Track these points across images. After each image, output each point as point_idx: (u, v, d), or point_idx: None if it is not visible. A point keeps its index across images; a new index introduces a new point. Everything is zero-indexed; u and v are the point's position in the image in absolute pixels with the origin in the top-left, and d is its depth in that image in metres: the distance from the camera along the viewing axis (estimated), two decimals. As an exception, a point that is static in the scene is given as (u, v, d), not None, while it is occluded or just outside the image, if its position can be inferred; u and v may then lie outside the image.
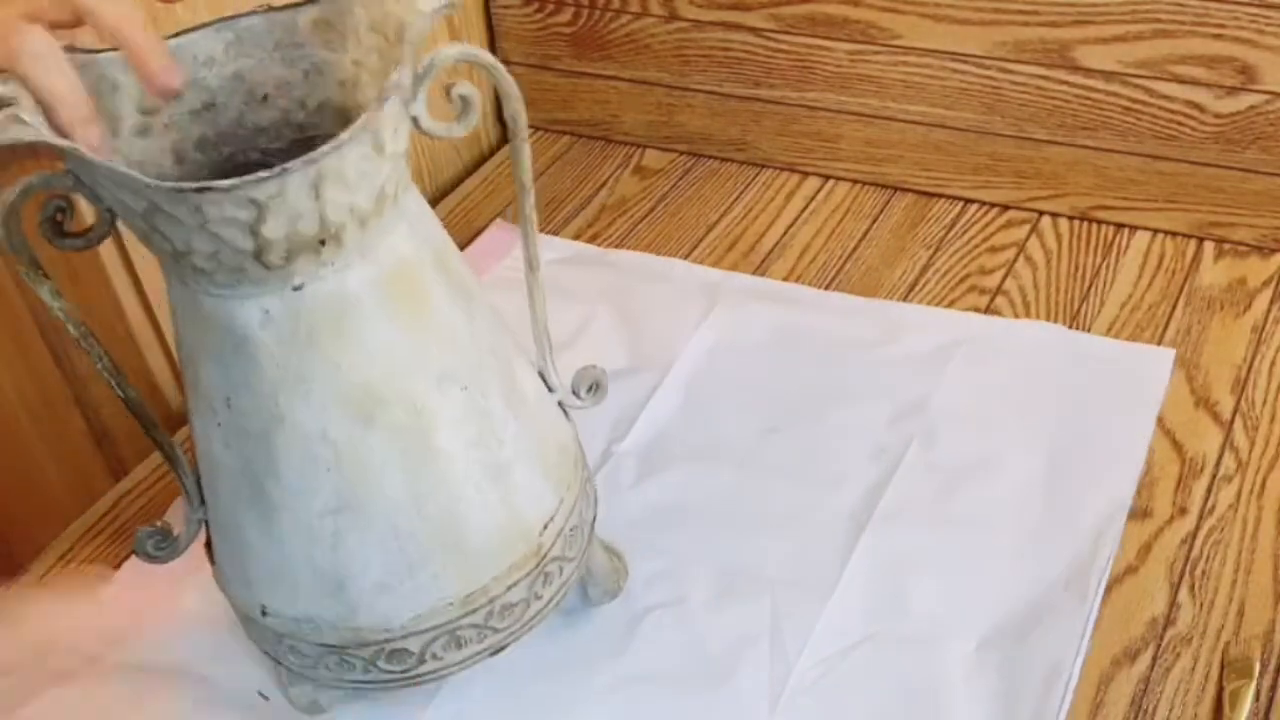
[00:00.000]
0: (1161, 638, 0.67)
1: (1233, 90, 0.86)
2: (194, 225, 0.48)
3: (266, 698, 0.67)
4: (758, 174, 1.03)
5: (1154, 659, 0.66)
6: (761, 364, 0.84)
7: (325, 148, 0.47)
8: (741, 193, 1.02)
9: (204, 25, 0.54)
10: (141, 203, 0.48)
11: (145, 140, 0.55)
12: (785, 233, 0.97)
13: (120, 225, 0.52)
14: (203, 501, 0.60)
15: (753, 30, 0.98)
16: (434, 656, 0.59)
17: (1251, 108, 0.86)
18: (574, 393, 0.64)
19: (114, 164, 0.47)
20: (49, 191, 0.52)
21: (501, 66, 0.54)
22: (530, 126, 0.55)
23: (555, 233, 0.98)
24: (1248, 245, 0.91)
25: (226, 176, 0.52)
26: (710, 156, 1.06)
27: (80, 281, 0.81)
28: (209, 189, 0.46)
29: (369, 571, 0.56)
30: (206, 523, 0.61)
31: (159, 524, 0.62)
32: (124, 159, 0.53)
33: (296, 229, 0.49)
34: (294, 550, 0.56)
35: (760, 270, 0.93)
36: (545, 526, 0.60)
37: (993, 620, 0.67)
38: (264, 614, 0.59)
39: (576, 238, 0.97)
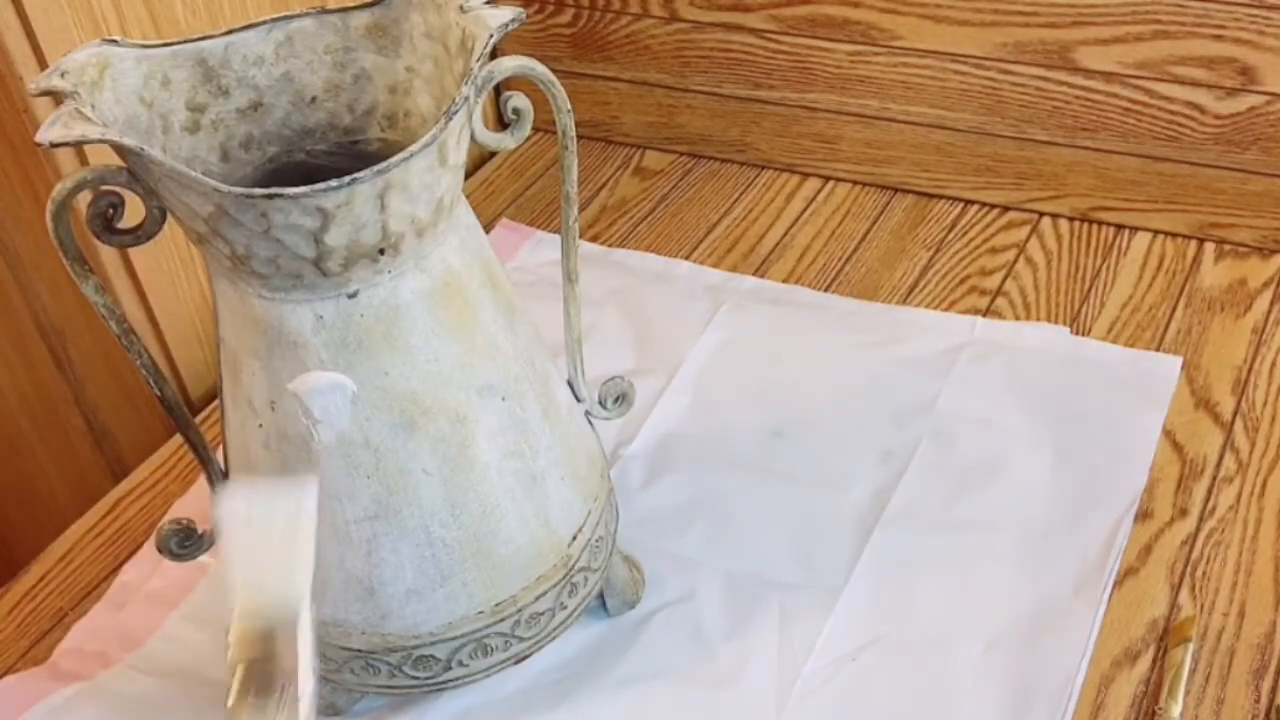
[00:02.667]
0: (1162, 639, 0.67)
1: (1233, 91, 0.86)
2: (258, 231, 0.48)
3: None
4: (758, 175, 1.03)
5: (1155, 660, 0.66)
6: (768, 366, 0.84)
7: (395, 158, 0.47)
8: (741, 194, 1.02)
9: (255, 24, 0.54)
10: (207, 206, 0.48)
11: (194, 137, 0.55)
12: (785, 234, 0.97)
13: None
14: None
15: (753, 31, 0.98)
16: (460, 664, 0.60)
17: (1252, 109, 0.86)
18: (600, 403, 0.64)
19: (183, 168, 0.47)
20: (102, 188, 0.52)
21: (556, 80, 0.54)
22: (530, 127, 0.56)
23: (555, 233, 0.98)
24: (1248, 246, 0.91)
25: (271, 176, 0.53)
26: (710, 158, 1.06)
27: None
28: (278, 195, 0.46)
29: (401, 578, 0.57)
30: None
31: (182, 521, 0.62)
32: (175, 156, 0.54)
33: (359, 238, 0.49)
34: (327, 554, 0.56)
35: (760, 271, 0.93)
36: (575, 537, 0.60)
37: (1000, 623, 0.67)
38: None
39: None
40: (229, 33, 0.54)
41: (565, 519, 0.60)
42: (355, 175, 0.47)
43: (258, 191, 0.46)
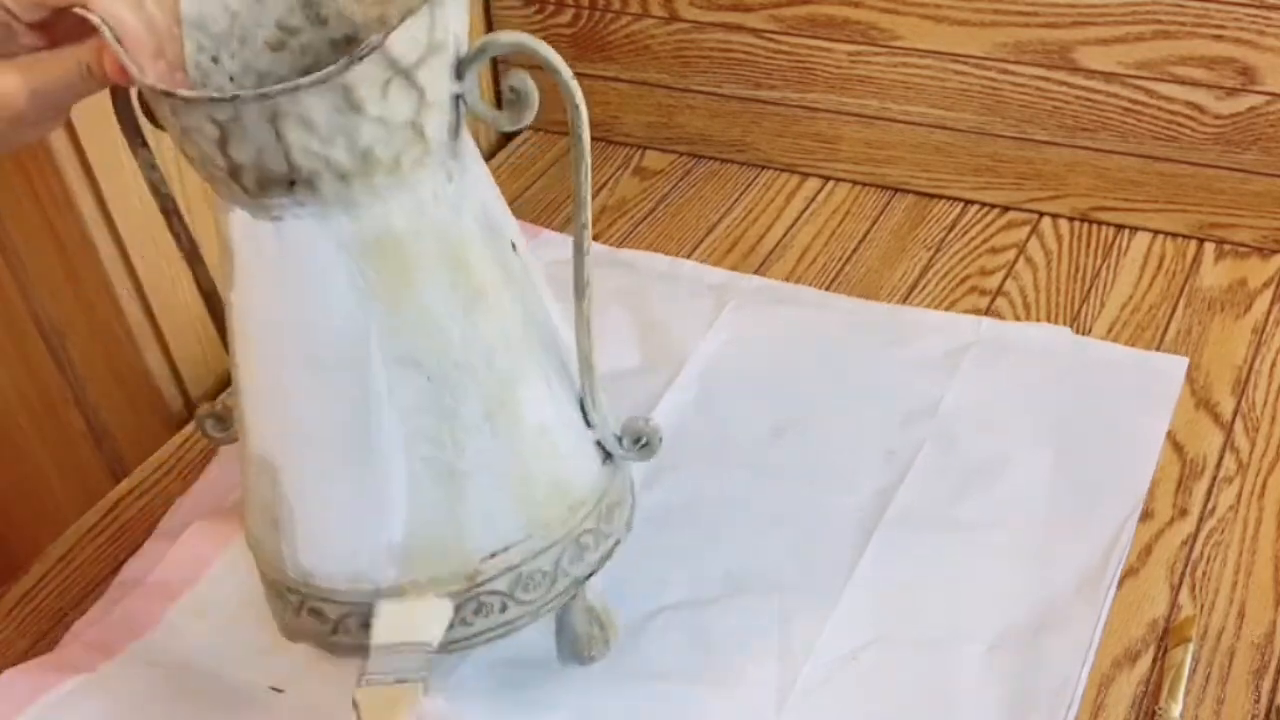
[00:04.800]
0: (1162, 639, 0.67)
1: (1233, 91, 0.86)
2: (178, 130, 0.50)
3: (280, 690, 0.66)
4: (758, 175, 1.03)
5: (1155, 660, 0.66)
6: (772, 366, 0.84)
7: (280, 86, 0.47)
8: (742, 194, 1.02)
9: None
10: (157, 99, 0.50)
11: (276, 55, 0.56)
12: (785, 234, 0.97)
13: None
14: None
15: (753, 31, 0.98)
16: (345, 631, 0.59)
17: (1252, 109, 0.86)
18: (618, 439, 0.61)
19: (142, 80, 0.49)
20: None
21: (562, 63, 0.52)
22: (530, 128, 0.55)
23: (558, 233, 0.98)
24: (1248, 246, 0.91)
25: None
26: (710, 158, 1.06)
27: (80, 281, 0.81)
28: (173, 95, 0.48)
29: (303, 523, 0.57)
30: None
31: (220, 406, 0.64)
32: (246, 67, 0.55)
33: (262, 162, 0.49)
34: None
35: (761, 271, 0.93)
36: (491, 555, 0.57)
37: (1003, 624, 0.67)
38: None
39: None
40: None
41: (482, 531, 0.57)
42: (239, 93, 0.47)
43: (158, 86, 0.48)
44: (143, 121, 0.56)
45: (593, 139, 1.07)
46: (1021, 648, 0.66)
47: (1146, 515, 0.73)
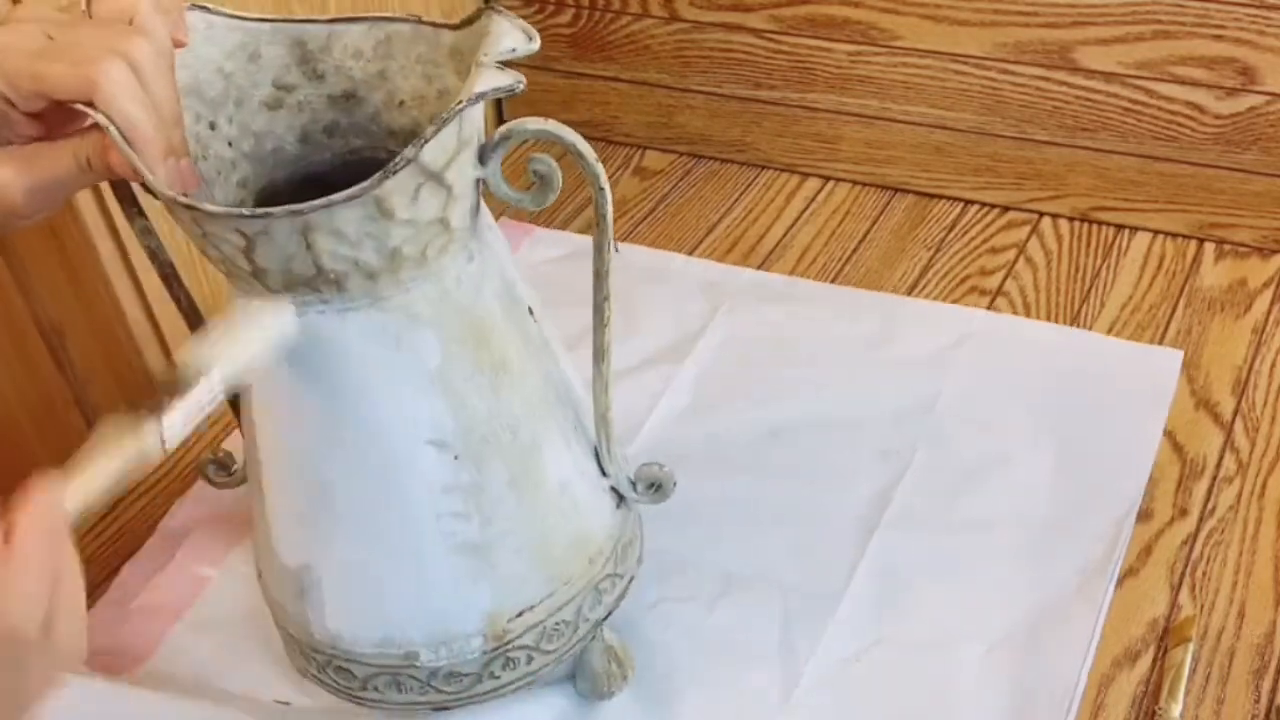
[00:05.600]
0: (1162, 639, 0.66)
1: (1233, 91, 0.86)
2: (197, 234, 0.49)
3: (286, 703, 0.66)
4: (758, 175, 1.03)
5: (1155, 660, 0.66)
6: (768, 365, 0.84)
7: (316, 203, 0.47)
8: (742, 194, 1.02)
9: (358, 18, 0.55)
10: (180, 212, 0.49)
11: (272, 114, 0.55)
12: (785, 234, 0.97)
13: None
14: None
15: (753, 31, 0.98)
16: (374, 689, 0.60)
17: (1252, 109, 0.86)
18: (632, 484, 0.62)
19: (156, 184, 0.48)
20: None
21: (587, 147, 0.52)
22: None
23: (554, 230, 0.98)
24: (1248, 246, 0.91)
25: (350, 168, 0.54)
26: (710, 158, 1.06)
27: (80, 282, 0.80)
28: (197, 209, 0.47)
29: (331, 590, 0.58)
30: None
31: (222, 453, 0.66)
32: (244, 129, 0.55)
33: (290, 267, 0.49)
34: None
35: (761, 271, 0.93)
36: (518, 614, 0.59)
37: (1003, 623, 0.67)
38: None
39: (580, 234, 0.97)
40: (333, 21, 0.55)
41: (509, 595, 0.58)
42: (270, 210, 0.47)
43: (181, 199, 0.47)
44: (137, 189, 0.55)
45: (593, 139, 1.07)
46: (1021, 647, 0.66)
47: (1147, 515, 0.73)
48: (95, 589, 0.74)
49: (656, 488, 0.62)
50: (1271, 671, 0.65)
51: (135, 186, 0.54)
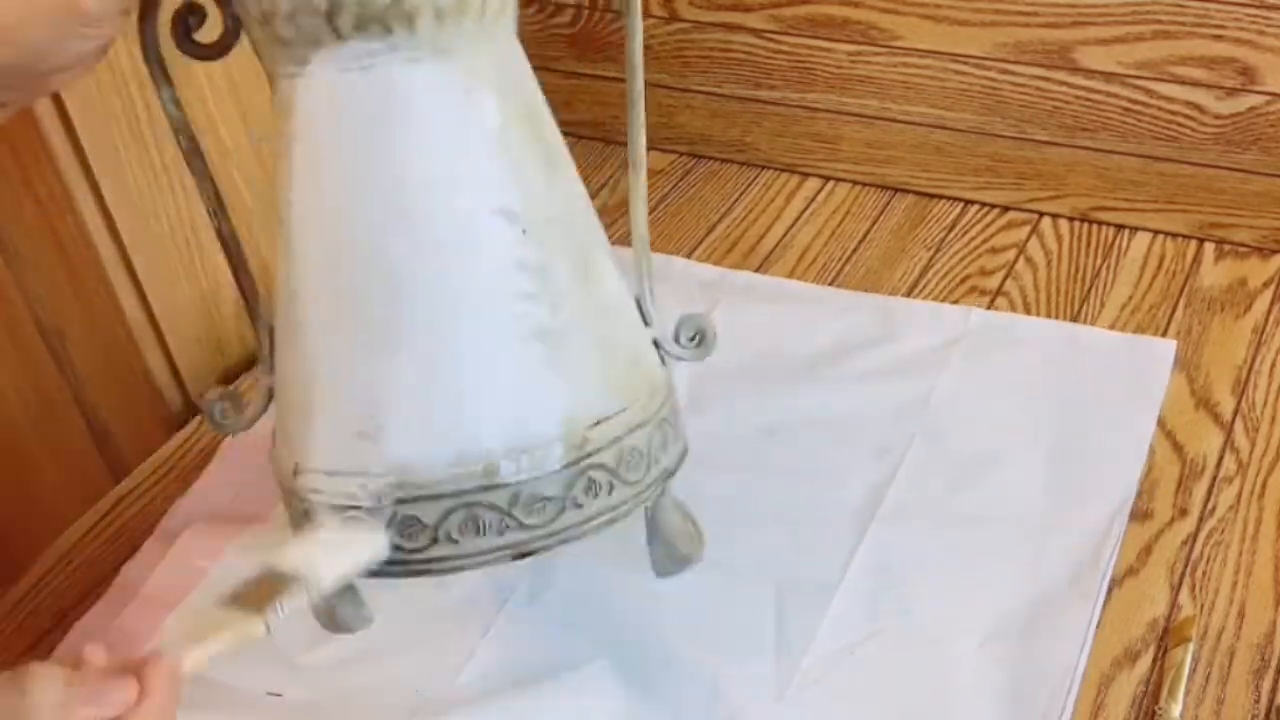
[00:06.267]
0: (1162, 639, 0.67)
1: (1233, 91, 0.86)
2: None
3: (279, 695, 0.66)
4: (758, 175, 1.03)
5: (1155, 660, 0.66)
6: (763, 364, 0.84)
7: None
8: (741, 194, 1.02)
9: None
10: None
11: None
12: (785, 234, 0.97)
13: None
14: (273, 368, 0.59)
15: (753, 31, 0.98)
16: (449, 537, 0.54)
17: (1252, 109, 0.86)
18: (675, 339, 0.61)
19: None
20: None
21: None
22: None
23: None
24: (1248, 246, 0.91)
25: None
26: (710, 158, 1.06)
27: (80, 282, 0.81)
28: None
29: (399, 408, 0.54)
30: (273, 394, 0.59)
31: (231, 388, 0.62)
32: None
33: None
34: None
35: (760, 271, 0.93)
36: (595, 423, 0.55)
37: (997, 617, 0.67)
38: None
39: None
40: None
41: (584, 396, 0.55)
42: None
43: None
44: (167, 59, 0.55)
45: (592, 139, 1.08)
46: (1016, 640, 0.66)
47: (1146, 515, 0.73)
48: (95, 589, 0.74)
49: (699, 338, 0.61)
50: (1271, 671, 0.65)
51: (166, 53, 0.55)
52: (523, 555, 0.55)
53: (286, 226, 0.55)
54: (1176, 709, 0.62)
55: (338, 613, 0.60)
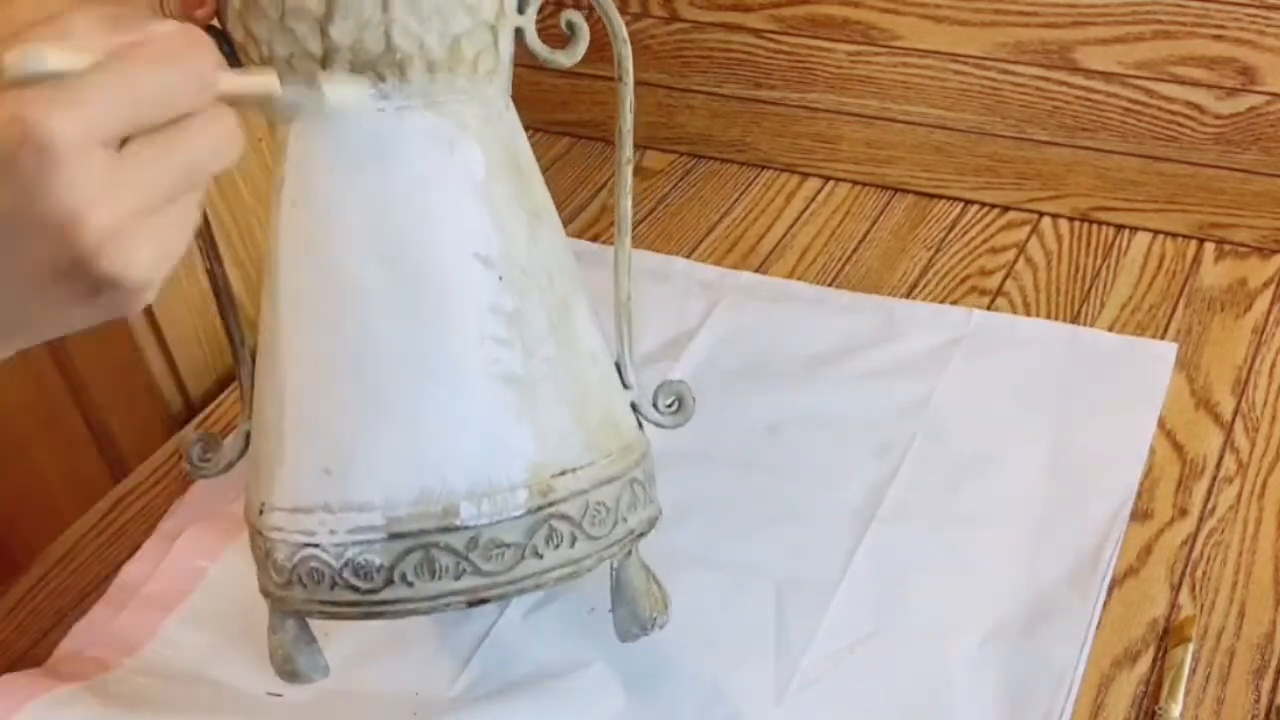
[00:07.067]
0: (1162, 639, 0.66)
1: (1233, 91, 0.86)
2: (275, 18, 0.51)
3: (279, 695, 0.66)
4: (758, 175, 1.03)
5: (1155, 660, 0.66)
6: (763, 362, 0.84)
7: None
8: (741, 194, 1.02)
9: None
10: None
11: None
12: (785, 234, 0.97)
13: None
14: (251, 413, 0.59)
15: (753, 31, 0.98)
16: (403, 579, 0.54)
17: (1252, 109, 0.86)
18: (653, 403, 0.62)
19: None
20: None
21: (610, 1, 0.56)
22: (529, 128, 0.56)
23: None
24: (1248, 246, 0.91)
25: None
26: (710, 158, 1.06)
27: (80, 282, 0.80)
28: None
29: (364, 445, 0.54)
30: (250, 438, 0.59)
31: (208, 432, 0.62)
32: None
33: (362, 40, 0.51)
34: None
35: (761, 271, 0.93)
36: (561, 473, 0.55)
37: (997, 616, 0.67)
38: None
39: (577, 239, 0.97)
40: None
41: (550, 445, 0.55)
42: None
43: None
44: None
45: (592, 139, 1.08)
46: (1016, 639, 0.66)
47: (1147, 515, 0.73)
48: (95, 589, 0.74)
49: (678, 405, 0.61)
50: (1271, 671, 0.65)
51: None
52: (477, 602, 0.55)
53: (273, 262, 0.56)
54: (1176, 709, 0.62)
55: (296, 662, 0.60)
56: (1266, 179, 0.89)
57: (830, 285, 0.91)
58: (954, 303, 0.88)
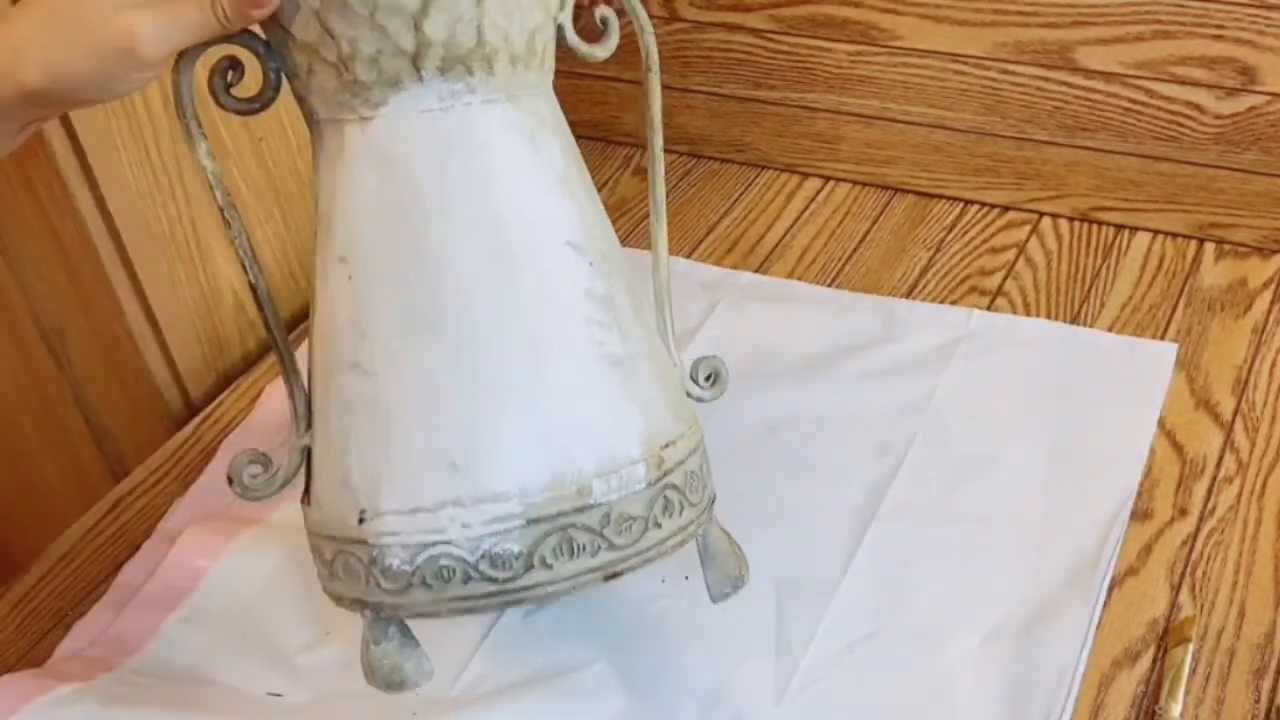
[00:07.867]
0: (1162, 639, 0.67)
1: (1233, 91, 0.86)
2: (364, 15, 0.51)
3: (279, 695, 0.66)
4: (758, 175, 1.03)
5: (1155, 660, 0.66)
6: (764, 362, 0.84)
7: None
8: (742, 194, 1.02)
9: None
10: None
11: None
12: (785, 234, 0.97)
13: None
14: (309, 426, 0.57)
15: (753, 31, 0.98)
16: (543, 562, 0.53)
17: (1252, 109, 0.86)
18: (693, 378, 0.63)
19: None
20: (220, 49, 0.54)
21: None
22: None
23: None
24: (1248, 246, 0.91)
25: None
26: (710, 158, 1.06)
27: (80, 281, 0.81)
28: None
29: (491, 436, 0.54)
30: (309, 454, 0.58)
31: (261, 451, 0.58)
32: None
33: (455, 34, 0.52)
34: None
35: (761, 271, 0.93)
36: (666, 445, 0.56)
37: (997, 616, 0.67)
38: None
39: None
40: None
41: (654, 419, 0.56)
42: None
43: None
44: (203, 111, 0.56)
45: (593, 139, 1.08)
46: (1016, 639, 0.66)
47: (1146, 515, 0.73)
48: (95, 589, 0.74)
49: (715, 378, 0.63)
50: (1271, 671, 0.65)
51: (199, 107, 0.55)
52: (612, 576, 0.55)
53: (349, 267, 0.55)
54: (1176, 709, 0.62)
55: (405, 670, 0.57)
56: (1266, 179, 0.89)
57: (830, 285, 0.91)
58: (954, 303, 0.88)
